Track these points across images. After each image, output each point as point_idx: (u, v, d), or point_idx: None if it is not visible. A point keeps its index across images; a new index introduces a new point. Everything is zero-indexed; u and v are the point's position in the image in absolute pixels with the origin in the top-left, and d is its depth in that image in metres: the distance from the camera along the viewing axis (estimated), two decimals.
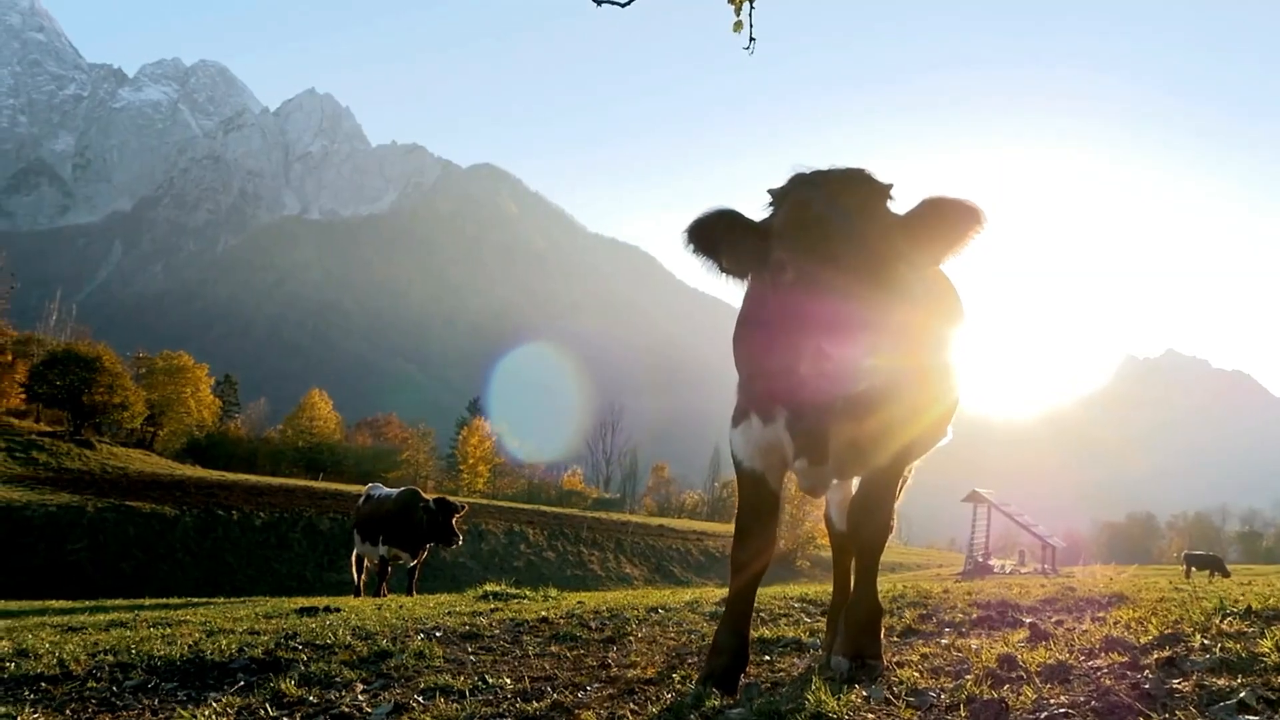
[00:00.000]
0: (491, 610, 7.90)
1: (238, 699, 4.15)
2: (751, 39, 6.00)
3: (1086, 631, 5.00)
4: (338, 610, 9.51)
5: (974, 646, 4.84)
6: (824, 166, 4.00)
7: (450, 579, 43.77)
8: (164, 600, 17.06)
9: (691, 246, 4.03)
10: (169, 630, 7.27)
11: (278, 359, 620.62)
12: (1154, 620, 5.11)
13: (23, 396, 71.07)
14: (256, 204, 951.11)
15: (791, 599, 7.96)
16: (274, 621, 8.15)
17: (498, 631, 6.03)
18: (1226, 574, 39.55)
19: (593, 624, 6.25)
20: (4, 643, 6.69)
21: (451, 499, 18.59)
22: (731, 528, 4.48)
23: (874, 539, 4.51)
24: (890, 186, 3.90)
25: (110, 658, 5.24)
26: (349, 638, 5.74)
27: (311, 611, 9.42)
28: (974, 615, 6.23)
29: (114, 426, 79.37)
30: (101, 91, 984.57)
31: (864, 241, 3.67)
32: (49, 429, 67.09)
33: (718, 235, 4.01)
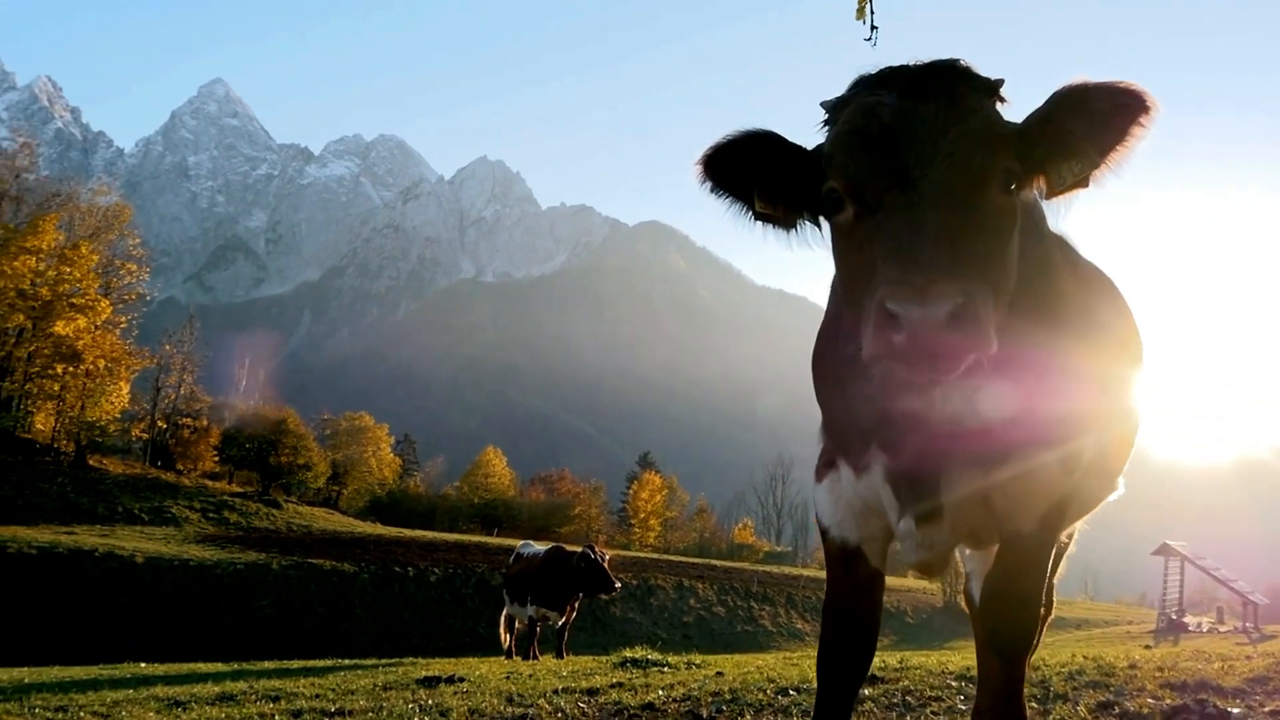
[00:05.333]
0: (612, 685, 7.21)
1: None
2: (874, 28, 5.26)
3: None
4: (461, 680, 9.00)
5: None
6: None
7: (619, 634, 43.24)
8: (311, 663, 16.92)
9: (709, 183, 2.84)
10: (263, 707, 6.79)
11: (456, 417, 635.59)
12: None
13: (216, 459, 73.99)
14: (434, 269, 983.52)
15: (950, 673, 6.90)
16: (388, 694, 7.74)
17: None
18: None
19: (704, 713, 5.42)
20: None
21: (595, 549, 18.06)
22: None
23: (1015, 635, 3.24)
24: (999, 84, 2.69)
25: None
26: None
27: (432, 682, 8.92)
28: (1166, 702, 5.14)
29: (300, 486, 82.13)
30: (290, 170, 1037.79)
31: (962, 157, 2.46)
32: (240, 490, 69.56)
33: (748, 165, 2.80)
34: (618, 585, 17.93)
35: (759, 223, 2.92)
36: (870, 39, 5.25)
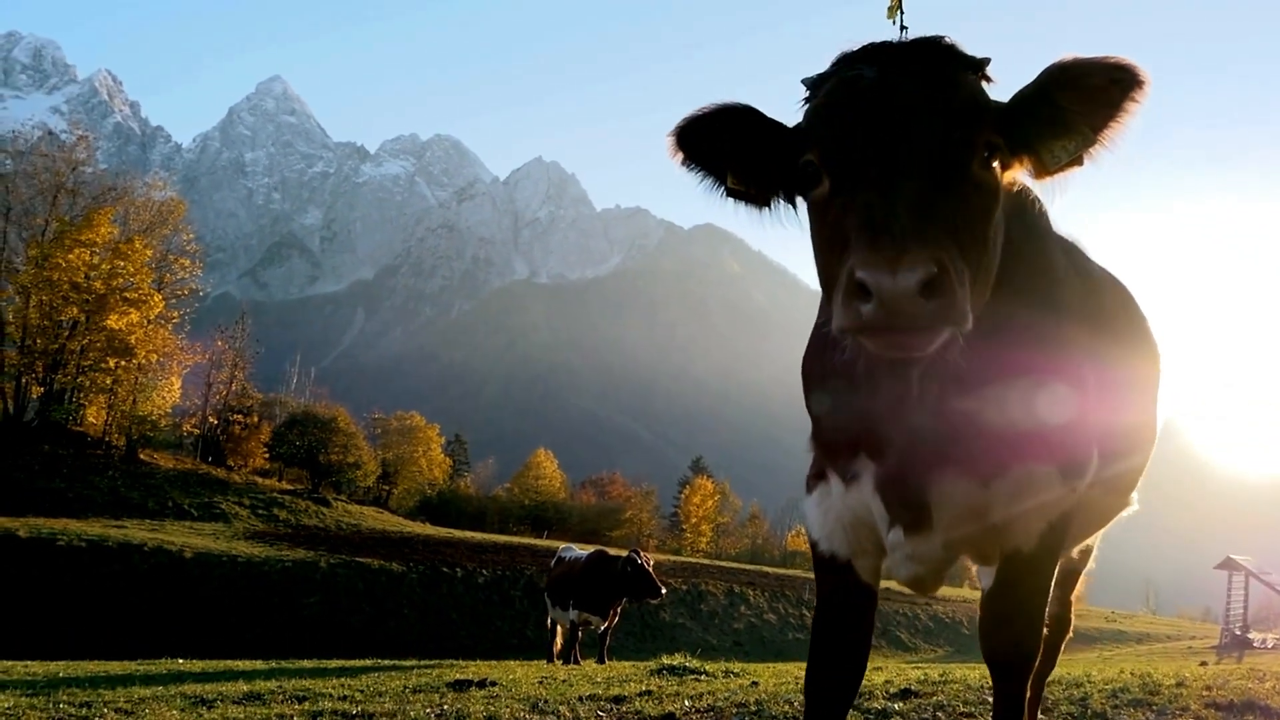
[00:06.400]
0: (640, 693, 7.06)
1: None
2: (903, 28, 5.15)
3: None
4: (493, 684, 8.93)
5: None
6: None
7: (669, 640, 43.06)
8: (349, 662, 16.94)
9: (681, 155, 2.72)
10: (287, 708, 6.70)
11: (508, 418, 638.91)
12: None
13: (266, 456, 74.63)
14: (488, 270, 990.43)
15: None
16: (416, 697, 7.64)
17: None
18: None
19: None
20: None
21: (640, 554, 17.91)
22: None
23: (1014, 654, 3.13)
24: (985, 62, 2.58)
25: None
26: None
27: (463, 686, 8.84)
28: None
29: (350, 485, 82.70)
30: (346, 168, 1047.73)
31: (941, 128, 2.37)
32: (289, 487, 70.03)
33: (721, 138, 2.70)
34: (663, 591, 17.79)
35: (730, 199, 2.82)
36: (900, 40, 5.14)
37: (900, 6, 5.17)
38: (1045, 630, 3.30)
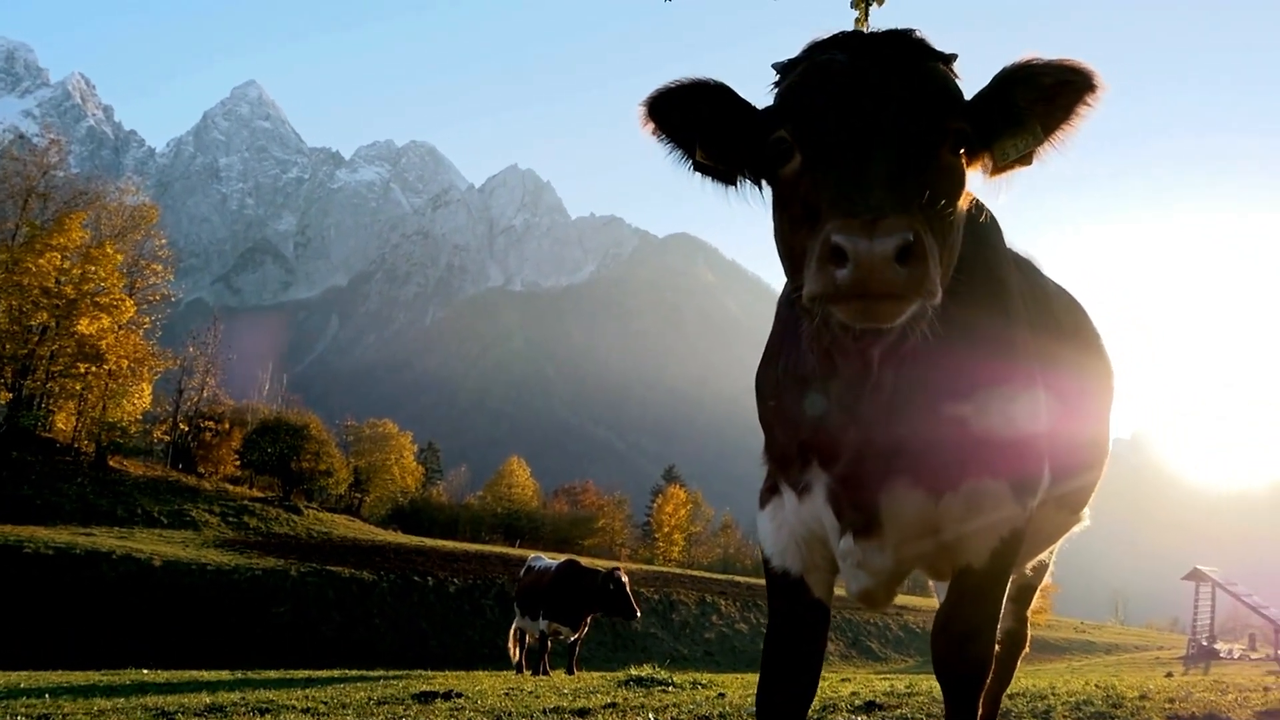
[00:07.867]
0: (605, 705, 7.05)
1: None
2: None
3: None
4: (459, 695, 8.87)
5: None
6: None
7: (640, 649, 43.13)
8: (317, 673, 16.88)
9: (652, 125, 2.73)
10: None
11: (481, 426, 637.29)
12: None
13: (237, 463, 74.06)
14: (463, 277, 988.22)
15: None
16: (380, 709, 7.62)
17: None
18: None
19: None
20: None
21: (619, 570, 17.85)
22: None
23: (963, 670, 3.09)
24: (953, 57, 2.61)
25: None
26: None
27: (428, 697, 8.78)
28: None
29: (322, 492, 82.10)
30: (321, 174, 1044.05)
31: (916, 108, 2.42)
32: (260, 494, 69.47)
33: (694, 113, 2.71)
34: (639, 614, 17.77)
35: (698, 173, 2.82)
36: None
37: (867, 18, 5.23)
38: (998, 647, 3.31)
